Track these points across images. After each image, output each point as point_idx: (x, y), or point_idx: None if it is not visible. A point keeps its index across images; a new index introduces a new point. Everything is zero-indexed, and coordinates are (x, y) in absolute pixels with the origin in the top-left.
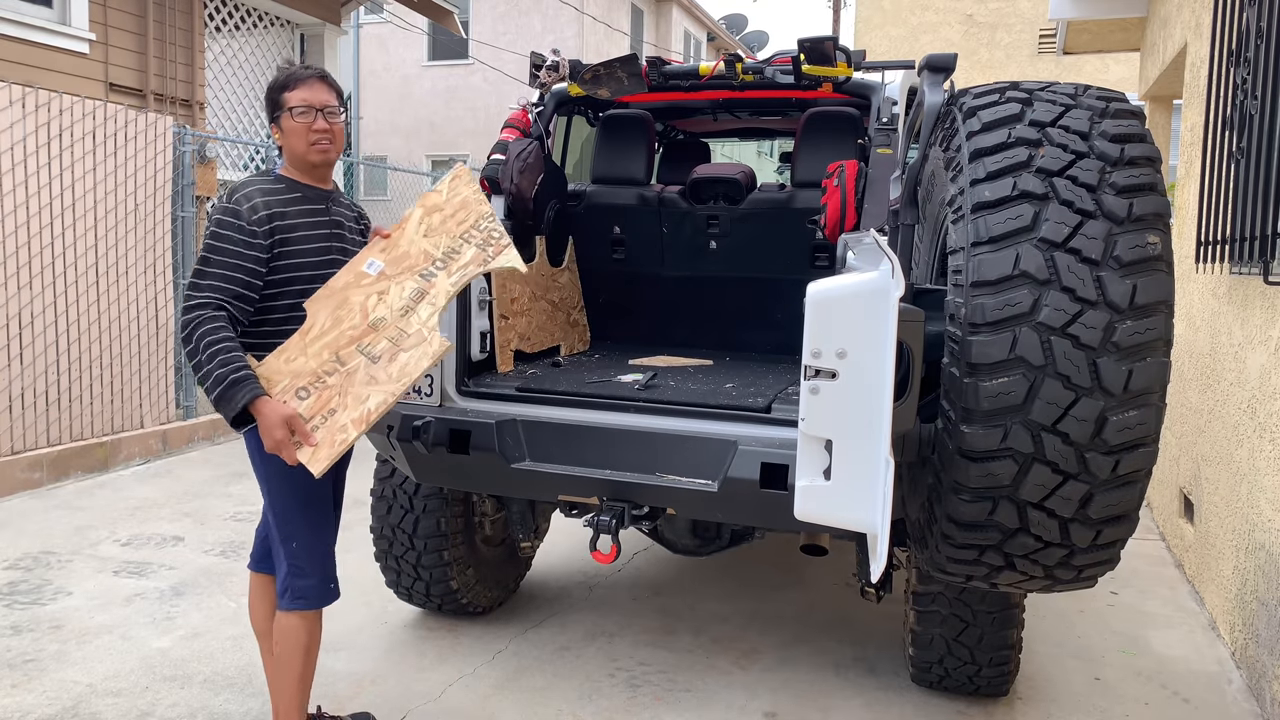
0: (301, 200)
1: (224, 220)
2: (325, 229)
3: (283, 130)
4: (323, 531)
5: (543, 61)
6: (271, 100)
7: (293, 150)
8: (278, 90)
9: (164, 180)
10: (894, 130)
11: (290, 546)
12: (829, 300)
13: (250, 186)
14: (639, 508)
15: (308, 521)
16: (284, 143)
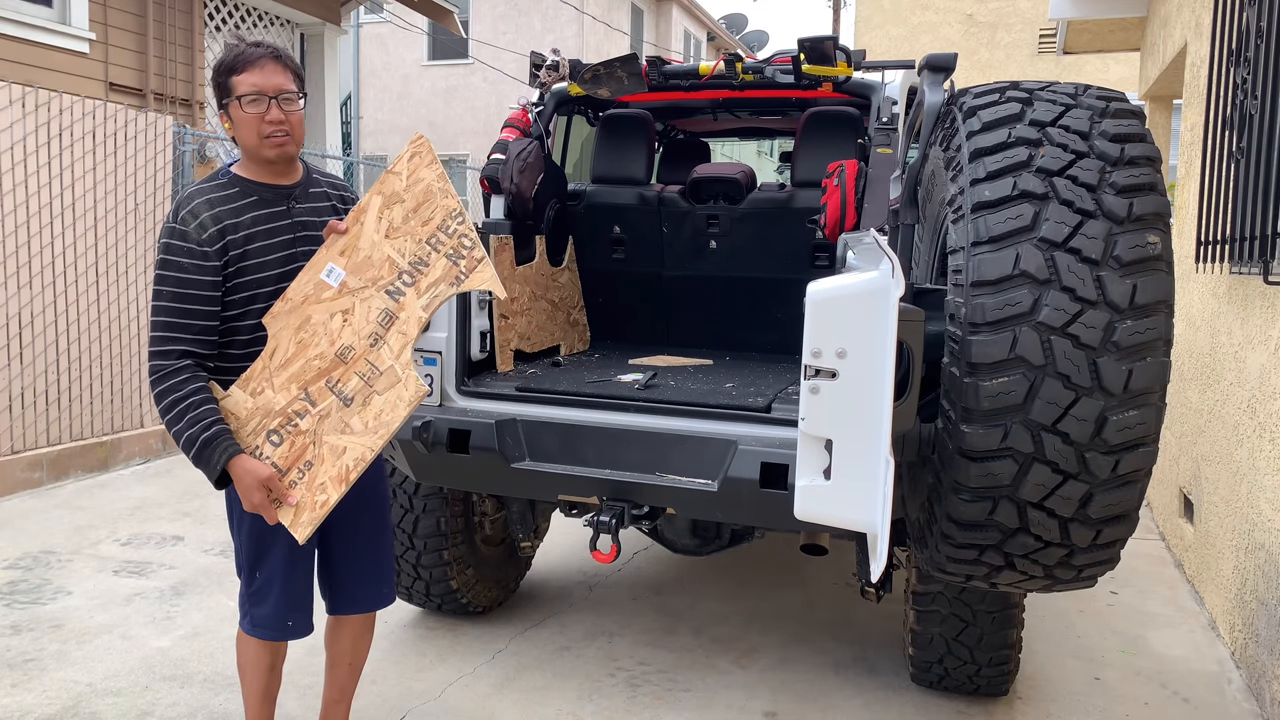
0: (257, 204)
1: (170, 244)
2: (287, 234)
3: (232, 120)
4: (295, 570)
5: (543, 61)
6: (218, 85)
7: (245, 144)
8: (224, 73)
9: (164, 180)
10: (894, 130)
11: (254, 577)
12: (829, 300)
13: (197, 198)
14: (639, 507)
15: (282, 559)
16: (234, 134)
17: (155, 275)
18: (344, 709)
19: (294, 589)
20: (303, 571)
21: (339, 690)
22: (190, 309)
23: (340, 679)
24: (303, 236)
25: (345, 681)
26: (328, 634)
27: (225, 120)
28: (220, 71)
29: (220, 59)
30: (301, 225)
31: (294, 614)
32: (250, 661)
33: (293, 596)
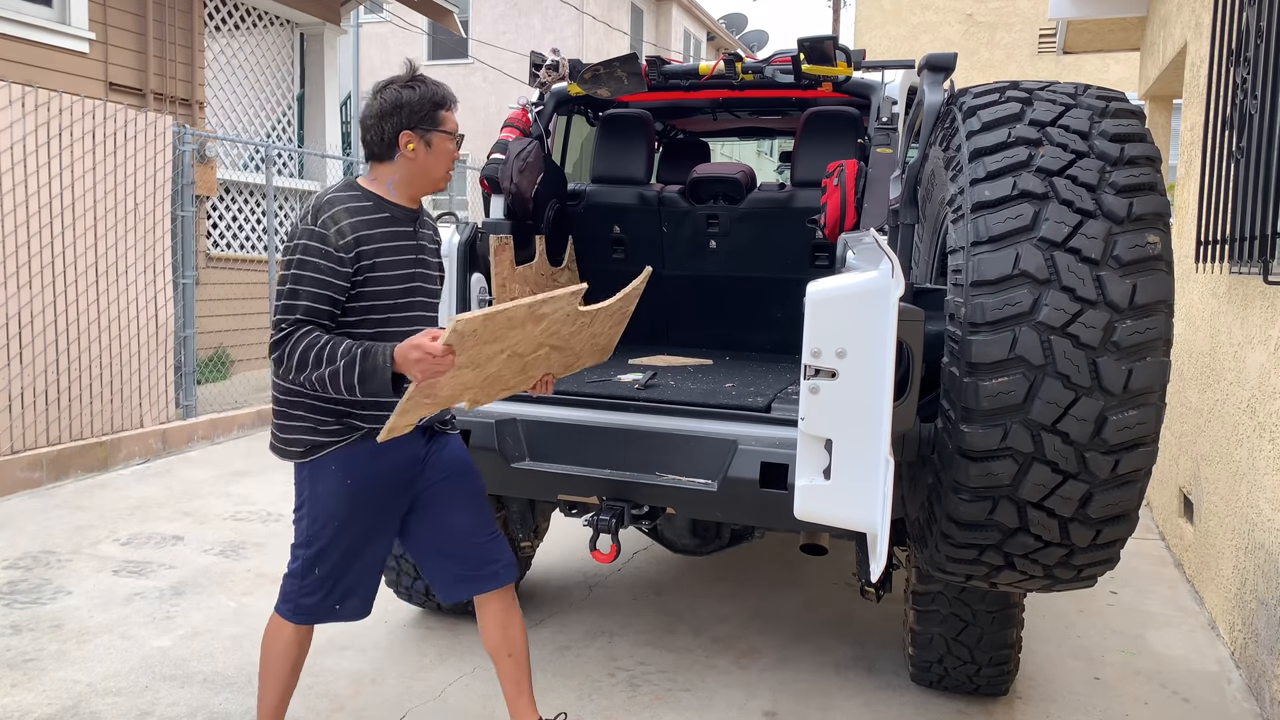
0: (389, 221)
1: (309, 246)
2: (411, 254)
3: (429, 146)
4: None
5: (542, 61)
6: (423, 112)
7: (428, 170)
8: (437, 105)
9: (164, 180)
10: (894, 130)
11: (311, 571)
12: (829, 300)
13: (338, 205)
14: (639, 507)
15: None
16: (418, 158)
17: (288, 274)
18: (527, 701)
19: (347, 585)
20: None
21: (513, 684)
22: (323, 297)
23: (509, 672)
24: (420, 259)
25: (516, 674)
26: (480, 629)
27: (415, 141)
28: (432, 102)
29: (428, 90)
30: (420, 249)
31: (343, 600)
32: (279, 652)
33: (345, 591)
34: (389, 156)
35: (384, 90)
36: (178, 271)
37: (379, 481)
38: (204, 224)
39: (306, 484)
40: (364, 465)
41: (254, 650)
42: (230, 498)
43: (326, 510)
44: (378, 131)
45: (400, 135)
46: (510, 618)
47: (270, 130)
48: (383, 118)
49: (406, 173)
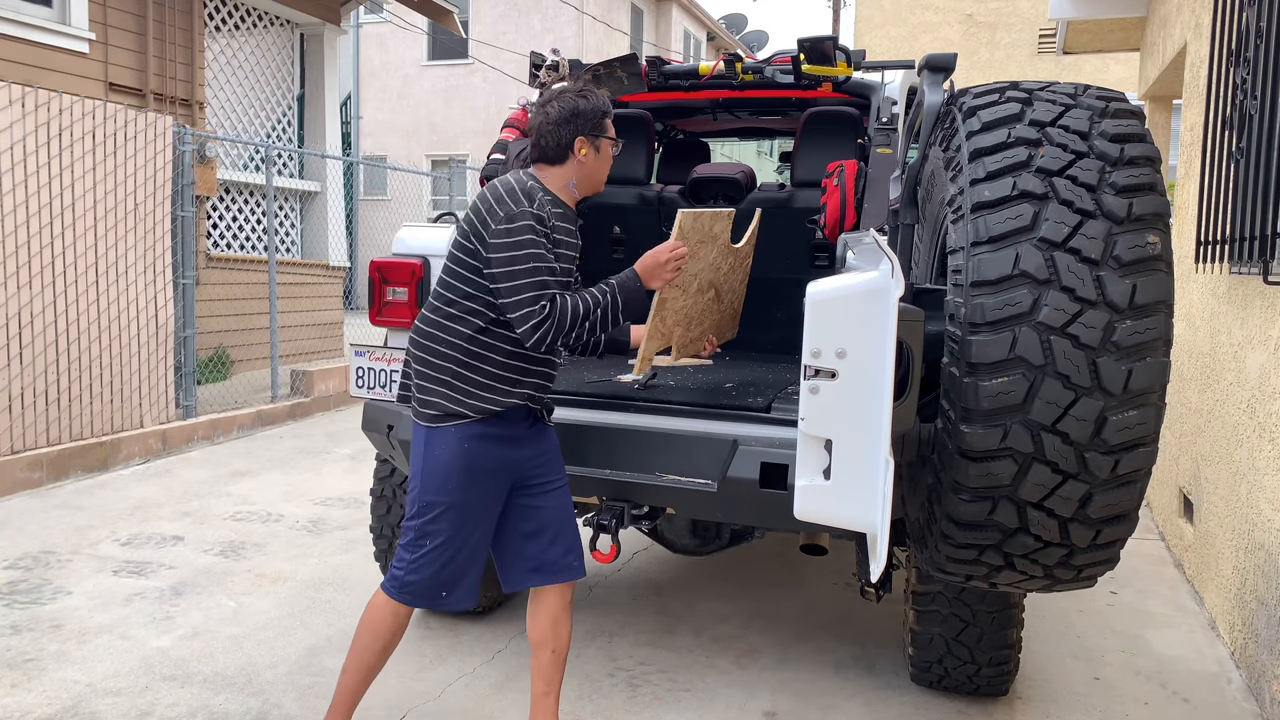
0: (563, 217)
1: (534, 227)
2: (573, 250)
3: (597, 152)
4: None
5: (542, 61)
6: (595, 120)
7: (595, 173)
8: (605, 114)
9: (164, 180)
10: (894, 130)
11: (421, 545)
12: (829, 300)
13: (540, 194)
14: (639, 507)
15: (453, 528)
16: (589, 162)
17: (516, 254)
18: (552, 702)
19: (456, 564)
20: (470, 549)
21: (545, 681)
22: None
23: (544, 668)
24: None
25: (550, 671)
26: (529, 618)
27: (586, 147)
28: (601, 111)
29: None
30: (577, 246)
31: (450, 586)
32: (374, 631)
33: (454, 571)
34: (561, 160)
35: (559, 99)
36: (178, 271)
37: (494, 457)
38: (204, 224)
39: (424, 450)
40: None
41: (254, 650)
42: (230, 498)
43: (440, 478)
44: (554, 137)
45: (575, 140)
46: (564, 614)
47: (270, 130)
48: (560, 124)
49: (577, 175)
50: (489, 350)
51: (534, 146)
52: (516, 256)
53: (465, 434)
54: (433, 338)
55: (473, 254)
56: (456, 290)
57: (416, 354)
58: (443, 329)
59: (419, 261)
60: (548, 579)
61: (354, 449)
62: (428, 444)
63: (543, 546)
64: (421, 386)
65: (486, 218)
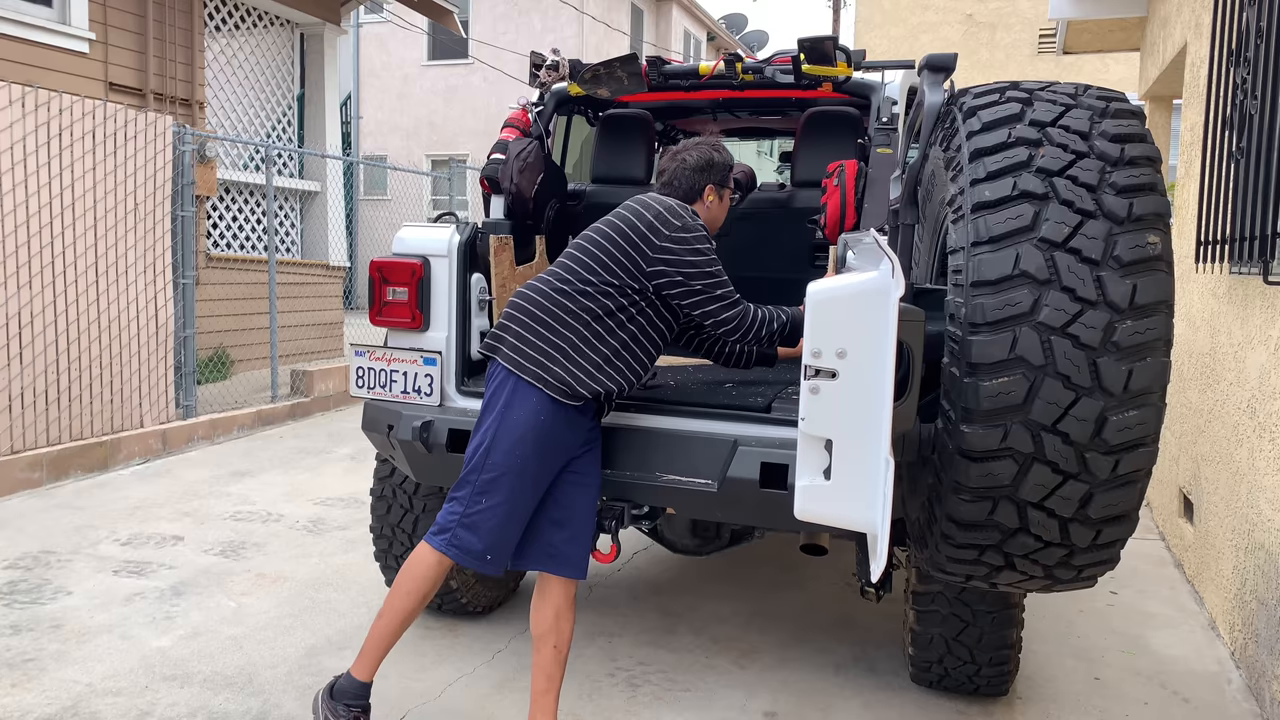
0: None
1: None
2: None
3: (720, 200)
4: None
5: (543, 61)
6: (723, 173)
7: (717, 219)
8: (730, 169)
9: (164, 180)
10: (894, 130)
11: (478, 501)
12: (829, 300)
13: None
14: (639, 507)
15: (512, 492)
16: (713, 209)
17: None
18: (551, 701)
19: (508, 528)
20: (520, 515)
21: (545, 678)
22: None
23: (545, 664)
24: None
25: (551, 667)
26: (533, 610)
27: (714, 194)
28: (728, 167)
29: (728, 158)
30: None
31: (495, 550)
32: (414, 580)
33: (504, 535)
34: (691, 200)
35: (697, 148)
36: (178, 271)
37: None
38: (204, 224)
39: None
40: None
41: (254, 650)
42: (230, 498)
43: (512, 441)
44: (690, 181)
45: (706, 188)
46: (568, 608)
47: (270, 130)
48: (697, 171)
49: (704, 216)
50: (608, 334)
51: (666, 185)
52: (707, 261)
53: (544, 407)
54: (560, 305)
55: (623, 250)
56: (597, 275)
57: (534, 314)
58: (572, 300)
59: (419, 261)
60: (559, 569)
61: (354, 449)
62: (508, 402)
63: (565, 538)
64: (529, 342)
65: (655, 223)
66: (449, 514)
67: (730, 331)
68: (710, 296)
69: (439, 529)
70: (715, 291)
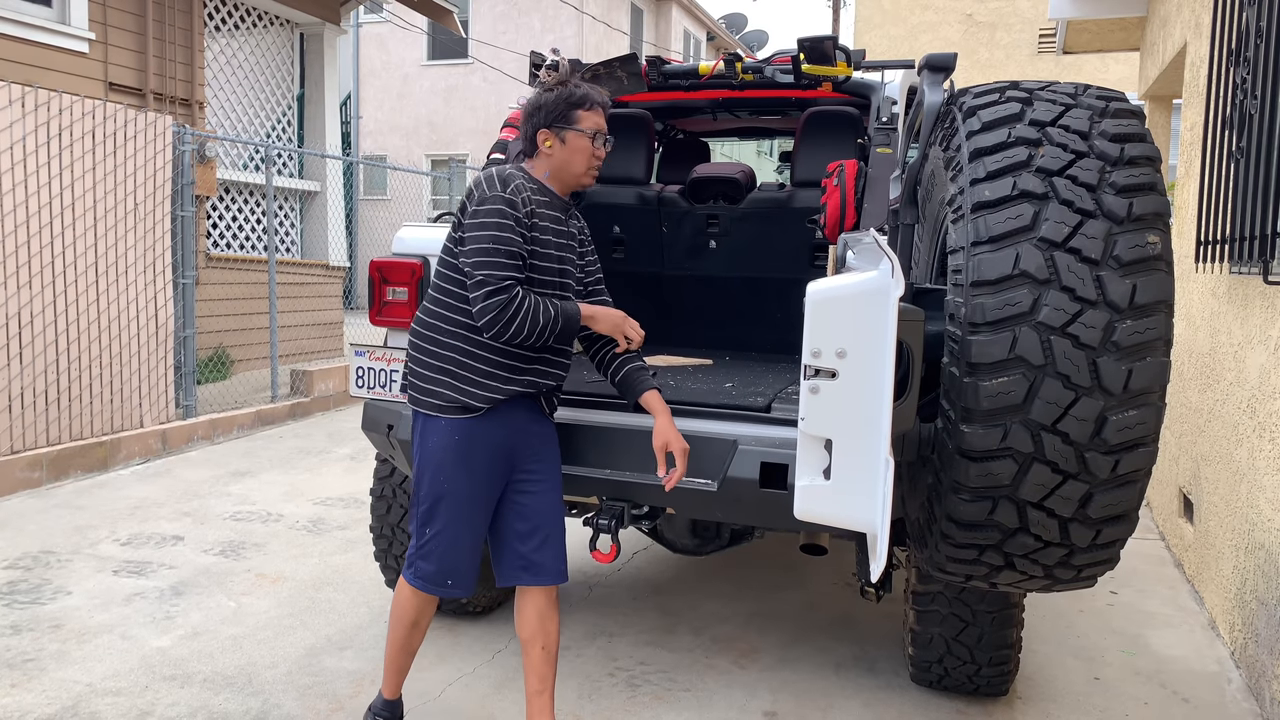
0: (550, 205)
1: (503, 210)
2: (563, 239)
3: (564, 143)
4: (462, 532)
5: (542, 61)
6: (559, 111)
7: (566, 165)
8: (574, 104)
9: (163, 180)
10: (894, 130)
11: (424, 533)
12: (829, 300)
13: (519, 178)
14: (638, 507)
15: (449, 516)
16: (555, 154)
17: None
18: (547, 700)
19: (458, 551)
20: (469, 536)
21: (538, 679)
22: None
23: (536, 664)
24: (569, 245)
25: (542, 668)
26: (516, 615)
27: (550, 139)
28: (569, 101)
29: (568, 91)
30: (570, 235)
31: (454, 575)
32: (401, 610)
33: (456, 559)
34: (533, 153)
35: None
36: (177, 271)
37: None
38: (204, 224)
39: (420, 440)
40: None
41: (254, 650)
42: (230, 498)
43: (433, 469)
44: (524, 130)
45: (538, 134)
46: (551, 610)
47: (270, 130)
48: (526, 118)
49: (547, 167)
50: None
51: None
52: (480, 236)
53: (456, 426)
54: (434, 329)
55: (460, 243)
56: (453, 280)
57: (418, 344)
58: (443, 319)
59: (419, 261)
60: (535, 579)
61: (354, 449)
62: (422, 434)
63: (534, 547)
64: (423, 376)
65: (466, 204)
66: (410, 547)
67: (485, 326)
68: (471, 273)
69: (407, 562)
70: (475, 275)
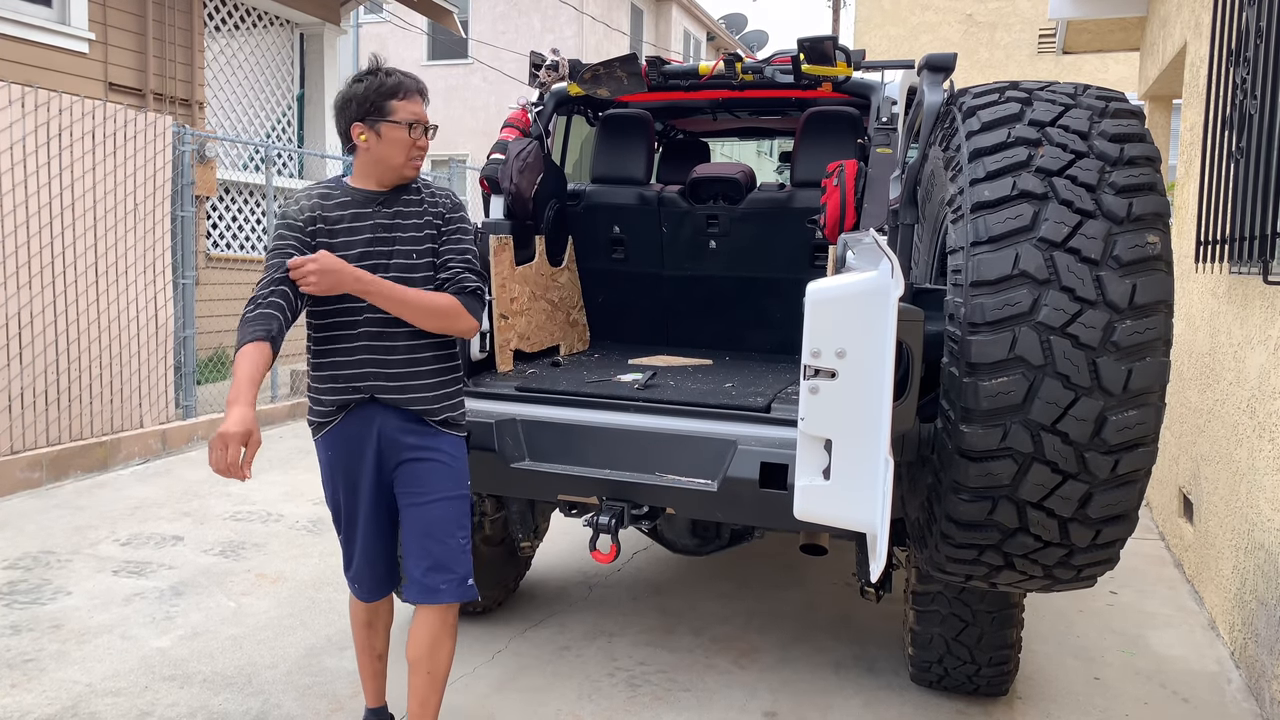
0: (350, 204)
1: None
2: (367, 232)
3: (379, 136)
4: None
5: (542, 61)
6: (371, 103)
7: (385, 159)
8: (385, 95)
9: (163, 180)
10: (893, 130)
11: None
12: (828, 300)
13: (306, 192)
14: (638, 507)
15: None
16: (373, 148)
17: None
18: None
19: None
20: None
21: (419, 702)
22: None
23: (419, 687)
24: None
25: (424, 692)
26: (409, 634)
27: (365, 133)
28: (380, 92)
29: (377, 82)
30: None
31: (359, 580)
32: (352, 612)
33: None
34: (352, 149)
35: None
36: (177, 271)
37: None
38: (204, 224)
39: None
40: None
41: (254, 650)
42: (230, 498)
43: (322, 476)
44: (339, 128)
45: (352, 128)
46: (444, 635)
47: (270, 130)
48: (338, 115)
49: (369, 162)
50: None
51: None
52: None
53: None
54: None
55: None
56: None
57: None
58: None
59: None
60: (426, 598)
61: None
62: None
63: (424, 568)
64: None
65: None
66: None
67: None
68: None
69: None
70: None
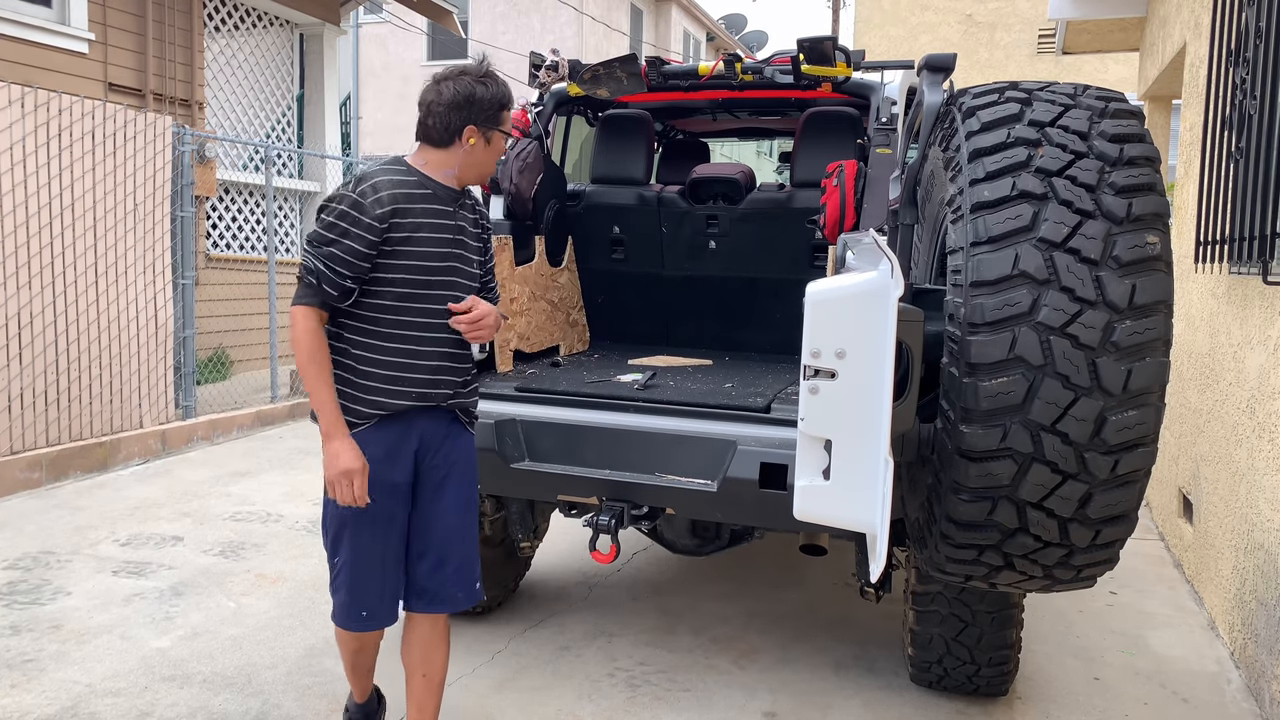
0: (430, 199)
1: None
2: (449, 233)
3: (487, 144)
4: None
5: (542, 61)
6: (490, 111)
7: (483, 164)
8: (503, 106)
9: (163, 180)
10: (893, 130)
11: (334, 564)
12: (828, 300)
13: (379, 176)
14: (638, 508)
15: (353, 544)
16: (477, 152)
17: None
18: None
19: (363, 582)
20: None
21: (416, 706)
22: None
23: (415, 693)
24: (459, 240)
25: (421, 697)
26: (401, 642)
27: (475, 136)
28: (498, 103)
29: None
30: (460, 229)
31: (366, 608)
32: (340, 639)
33: (363, 591)
34: (446, 144)
35: (456, 80)
36: (177, 272)
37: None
38: (203, 224)
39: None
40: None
41: (254, 651)
42: (230, 498)
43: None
44: (444, 120)
45: (466, 128)
46: (437, 642)
47: (270, 131)
48: (452, 108)
49: (462, 162)
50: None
51: (420, 124)
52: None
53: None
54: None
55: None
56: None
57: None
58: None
59: None
60: (425, 606)
61: None
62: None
63: (426, 571)
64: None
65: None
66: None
67: None
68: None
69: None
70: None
